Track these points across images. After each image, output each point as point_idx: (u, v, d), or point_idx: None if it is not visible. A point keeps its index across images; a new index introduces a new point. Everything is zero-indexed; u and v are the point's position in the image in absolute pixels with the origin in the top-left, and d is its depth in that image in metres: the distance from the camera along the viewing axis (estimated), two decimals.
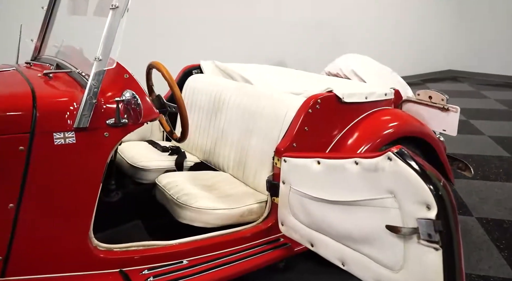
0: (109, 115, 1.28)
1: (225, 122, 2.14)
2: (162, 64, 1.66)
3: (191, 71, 2.59)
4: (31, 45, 2.01)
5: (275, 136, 1.81)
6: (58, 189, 1.24)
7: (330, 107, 1.75)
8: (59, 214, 1.26)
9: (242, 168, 1.99)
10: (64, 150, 1.22)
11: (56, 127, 1.21)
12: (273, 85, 2.11)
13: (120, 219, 1.81)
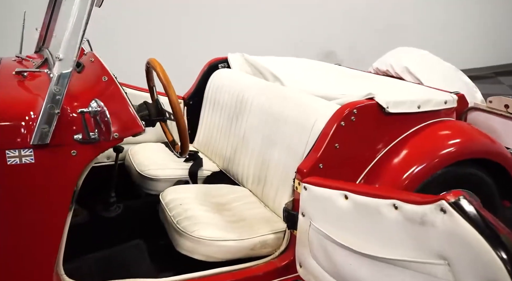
0: (78, 129, 1.01)
1: (246, 127, 1.84)
2: (157, 61, 1.38)
3: (217, 65, 2.29)
4: (36, 34, 1.81)
5: (300, 150, 1.47)
6: (14, 219, 1.00)
7: (369, 119, 1.38)
8: (17, 248, 1.03)
9: (262, 185, 1.68)
10: (20, 171, 0.98)
11: (8, 143, 0.97)
12: (307, 86, 1.76)
13: (114, 240, 1.57)
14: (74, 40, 0.97)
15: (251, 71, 2.21)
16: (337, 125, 1.34)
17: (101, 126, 1.02)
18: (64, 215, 1.04)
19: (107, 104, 1.05)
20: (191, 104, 2.28)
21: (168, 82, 1.29)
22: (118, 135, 1.05)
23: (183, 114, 2.21)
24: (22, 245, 1.02)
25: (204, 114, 2.22)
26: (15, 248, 1.02)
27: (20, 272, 1.04)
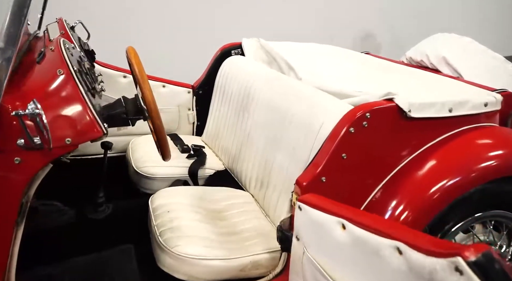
0: (22, 134, 0.86)
1: (252, 123, 1.63)
2: (134, 50, 1.19)
3: (230, 51, 2.09)
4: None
5: (304, 156, 1.26)
6: None
7: (386, 124, 1.14)
8: None
9: (264, 190, 1.49)
10: None
11: None
12: (323, 79, 1.53)
13: (98, 244, 1.44)
14: (15, 27, 0.80)
15: (267, 59, 1.99)
16: (345, 131, 1.11)
17: (43, 131, 0.86)
18: (9, 230, 0.90)
19: (59, 103, 0.89)
20: (200, 94, 2.10)
21: (143, 76, 1.10)
22: (71, 140, 0.89)
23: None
24: None
25: (213, 106, 2.04)
26: None
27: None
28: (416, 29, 4.08)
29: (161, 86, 2.03)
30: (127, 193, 1.70)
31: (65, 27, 1.50)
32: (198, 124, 2.14)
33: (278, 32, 3.50)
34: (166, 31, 3.18)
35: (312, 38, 3.64)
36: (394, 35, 4.35)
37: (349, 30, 4.12)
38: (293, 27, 3.72)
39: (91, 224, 1.51)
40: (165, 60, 3.06)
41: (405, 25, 4.39)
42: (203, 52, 2.32)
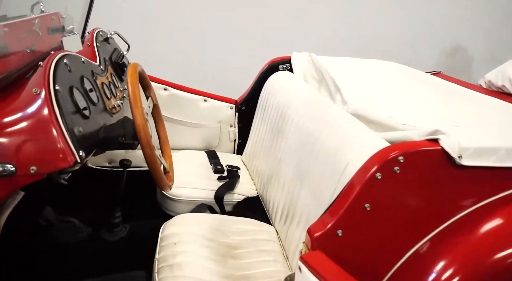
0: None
1: (284, 148, 1.45)
2: (135, 67, 1.08)
3: (278, 65, 1.92)
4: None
5: (326, 199, 1.05)
6: None
7: (425, 171, 0.89)
8: None
9: (287, 227, 1.30)
10: None
11: None
12: (371, 105, 1.30)
13: (108, 268, 1.36)
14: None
15: (317, 76, 1.79)
16: (370, 177, 0.88)
17: (19, 153, 0.78)
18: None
19: (27, 127, 0.81)
20: (243, 110, 1.97)
21: (135, 98, 0.99)
22: (36, 170, 0.80)
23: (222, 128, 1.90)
24: None
25: (254, 124, 1.89)
26: None
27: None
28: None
29: (203, 100, 1.93)
30: (149, 212, 1.62)
31: (92, 39, 1.46)
32: (240, 142, 2.01)
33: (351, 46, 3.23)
34: (213, 41, 3.07)
35: (394, 53, 3.26)
36: (488, 50, 3.81)
37: (435, 44, 3.66)
38: (369, 38, 3.41)
39: (105, 245, 1.44)
40: (209, 73, 2.98)
41: (503, 39, 3.82)
42: (251, 66, 2.18)
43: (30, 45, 1.20)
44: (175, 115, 1.89)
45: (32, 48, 1.20)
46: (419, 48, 3.62)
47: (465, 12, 3.58)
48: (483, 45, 3.75)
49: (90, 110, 1.01)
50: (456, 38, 3.71)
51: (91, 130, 0.98)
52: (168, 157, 1.34)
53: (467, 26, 3.65)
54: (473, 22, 3.64)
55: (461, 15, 3.58)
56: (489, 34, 3.72)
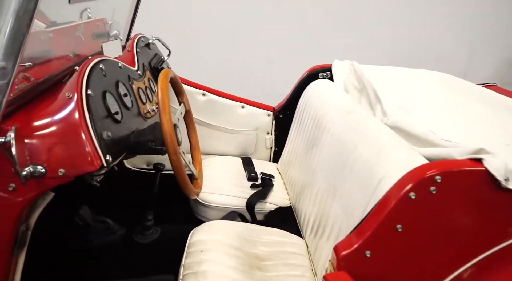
0: None
1: (319, 159, 1.41)
2: (166, 73, 1.08)
3: (318, 73, 1.88)
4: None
5: (357, 214, 0.99)
6: None
7: (465, 194, 0.81)
8: None
9: (317, 241, 1.25)
10: None
11: None
12: (412, 118, 1.22)
13: (137, 271, 1.37)
14: (14, 46, 0.76)
15: (358, 86, 1.73)
16: (403, 196, 0.82)
17: (49, 156, 0.80)
18: (3, 258, 0.86)
19: (57, 130, 0.83)
20: (281, 118, 1.94)
21: (164, 104, 0.98)
22: (64, 172, 0.81)
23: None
24: None
25: (291, 132, 1.85)
26: None
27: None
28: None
29: (240, 106, 1.92)
30: (181, 216, 1.62)
31: (133, 45, 1.49)
32: (276, 149, 1.98)
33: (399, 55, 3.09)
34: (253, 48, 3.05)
35: (447, 61, 3.05)
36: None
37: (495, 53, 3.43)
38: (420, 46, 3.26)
39: (136, 247, 1.46)
40: (248, 79, 2.96)
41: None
42: (291, 73, 2.14)
43: (73, 50, 1.25)
44: (212, 121, 1.89)
45: (75, 53, 1.25)
46: (476, 57, 3.41)
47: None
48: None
49: (122, 115, 1.02)
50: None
51: (121, 134, 0.99)
52: (198, 163, 1.34)
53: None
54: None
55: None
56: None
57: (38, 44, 1.09)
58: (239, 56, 3.01)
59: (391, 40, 3.21)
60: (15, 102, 0.86)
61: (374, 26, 3.15)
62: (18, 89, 0.88)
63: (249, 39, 3.01)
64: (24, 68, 0.94)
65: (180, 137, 1.09)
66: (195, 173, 1.26)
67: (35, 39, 1.04)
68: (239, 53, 3.01)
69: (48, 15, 1.33)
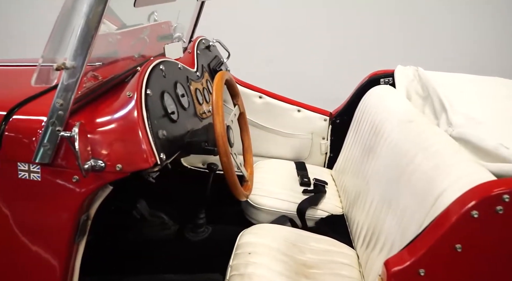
0: None
1: (374, 168, 1.35)
2: (221, 76, 1.08)
3: (379, 79, 1.81)
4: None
5: (412, 229, 0.94)
6: (18, 237, 0.94)
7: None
8: (29, 267, 0.97)
9: (369, 253, 1.20)
10: (28, 187, 0.91)
11: (21, 155, 0.90)
12: (482, 129, 1.14)
13: (185, 268, 1.40)
14: (83, 47, 0.81)
15: (422, 93, 1.64)
16: (464, 214, 0.76)
17: (107, 152, 0.85)
18: (64, 244, 0.92)
19: (117, 127, 0.87)
20: (337, 123, 1.90)
21: (217, 106, 0.99)
22: (121, 167, 0.85)
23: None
24: (23, 265, 0.95)
25: (348, 138, 1.80)
26: (17, 267, 0.96)
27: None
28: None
29: (296, 110, 1.91)
30: (232, 217, 1.64)
31: (194, 47, 1.53)
32: (331, 155, 1.94)
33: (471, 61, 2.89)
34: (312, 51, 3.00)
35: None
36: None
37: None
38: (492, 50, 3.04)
39: (187, 244, 1.49)
40: (305, 83, 2.92)
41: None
42: (350, 78, 2.09)
43: (138, 51, 1.31)
44: (268, 123, 1.90)
45: (139, 54, 1.31)
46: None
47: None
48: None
49: (178, 114, 1.05)
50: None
51: (176, 133, 1.02)
52: (249, 166, 1.34)
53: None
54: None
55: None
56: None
57: (107, 45, 1.16)
58: (297, 60, 2.99)
59: (458, 45, 3.02)
60: (82, 99, 0.91)
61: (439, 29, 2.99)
62: (86, 87, 0.94)
63: (309, 43, 2.98)
64: (92, 67, 1.00)
65: (232, 139, 1.10)
66: (245, 175, 1.26)
67: (103, 41, 1.10)
68: (298, 57, 2.99)
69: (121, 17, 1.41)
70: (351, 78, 2.08)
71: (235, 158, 1.13)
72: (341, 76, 2.77)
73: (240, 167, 1.20)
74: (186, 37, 1.74)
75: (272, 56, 2.97)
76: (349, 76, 2.17)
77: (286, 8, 2.92)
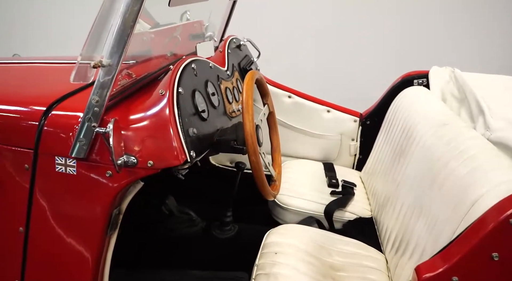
0: None
1: (405, 172, 1.32)
2: (252, 75, 1.08)
3: (413, 80, 1.77)
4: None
5: (445, 235, 0.91)
6: (53, 229, 0.97)
7: None
8: (63, 257, 1.00)
9: (398, 259, 1.18)
10: (64, 181, 0.94)
11: (58, 149, 0.93)
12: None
13: (211, 265, 1.41)
14: (119, 45, 0.83)
15: (458, 95, 1.59)
16: (502, 221, 0.73)
17: (139, 148, 0.87)
18: (97, 237, 0.94)
19: (149, 124, 0.89)
20: (368, 124, 1.87)
21: (248, 105, 0.99)
22: (153, 164, 0.87)
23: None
24: (58, 255, 0.99)
25: (378, 140, 1.77)
26: (52, 257, 1.00)
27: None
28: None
29: (326, 110, 1.89)
30: (259, 216, 1.64)
31: (225, 46, 1.54)
32: (360, 157, 1.91)
33: None
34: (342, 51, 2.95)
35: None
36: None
37: None
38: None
39: (213, 241, 1.51)
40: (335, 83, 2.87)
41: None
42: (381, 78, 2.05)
43: (170, 49, 1.33)
44: (296, 123, 1.89)
45: (172, 52, 1.33)
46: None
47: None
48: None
49: (208, 113, 1.06)
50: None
51: (205, 132, 1.03)
52: (277, 165, 1.34)
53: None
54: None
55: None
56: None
57: (141, 43, 1.18)
58: (328, 60, 2.96)
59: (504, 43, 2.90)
60: (117, 97, 0.94)
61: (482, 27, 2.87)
62: (120, 85, 0.96)
63: (341, 43, 2.94)
64: (127, 65, 1.03)
65: (261, 138, 1.11)
66: (273, 174, 1.26)
67: (138, 39, 1.12)
68: (329, 57, 2.96)
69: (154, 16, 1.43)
70: (382, 78, 2.04)
71: (264, 157, 1.13)
72: (372, 76, 2.72)
73: (268, 167, 1.20)
74: (218, 36, 1.76)
75: (303, 56, 2.95)
76: (381, 77, 2.13)
77: (316, 7, 2.89)
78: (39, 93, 1.08)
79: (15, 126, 0.97)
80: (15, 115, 0.98)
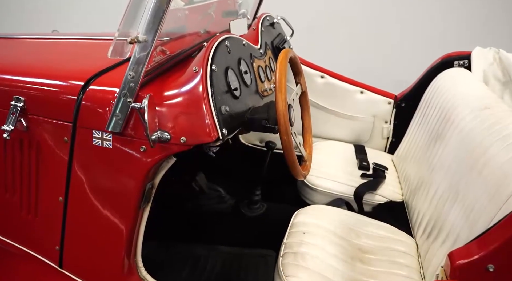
0: None
1: (441, 157, 1.29)
2: (286, 53, 1.05)
3: (453, 61, 1.70)
4: None
5: (482, 223, 0.89)
6: (90, 201, 1.01)
7: None
8: (99, 228, 1.04)
9: (429, 244, 1.16)
10: (101, 154, 0.97)
11: (95, 123, 0.95)
12: None
13: (242, 242, 1.44)
14: (154, 21, 0.83)
15: (503, 78, 1.52)
16: None
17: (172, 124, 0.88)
18: (131, 209, 0.97)
19: (182, 101, 0.89)
20: (403, 107, 1.82)
21: (281, 84, 0.98)
22: (185, 140, 0.88)
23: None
24: (105, 230, 1.02)
25: (413, 123, 1.72)
26: (88, 228, 1.04)
27: (105, 247, 1.06)
28: None
29: (359, 91, 1.85)
30: (288, 196, 1.64)
31: (258, 24, 1.52)
32: (393, 140, 1.86)
33: None
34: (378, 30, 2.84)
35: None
36: None
37: None
38: None
39: (243, 218, 1.53)
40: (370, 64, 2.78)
41: None
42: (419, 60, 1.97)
43: (204, 27, 1.32)
44: (328, 104, 1.86)
45: (205, 30, 1.32)
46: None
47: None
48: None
49: (241, 91, 1.06)
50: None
51: (237, 110, 1.03)
52: (308, 146, 1.33)
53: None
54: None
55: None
56: None
57: (175, 20, 1.18)
58: (362, 41, 2.87)
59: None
60: (152, 73, 0.95)
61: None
62: (155, 61, 0.96)
63: (375, 24, 2.84)
64: (161, 42, 1.03)
65: (293, 118, 1.09)
66: (304, 155, 1.25)
67: (172, 16, 1.12)
68: (364, 38, 2.87)
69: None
70: (420, 60, 1.96)
71: (295, 137, 1.12)
72: (409, 57, 2.63)
73: (299, 147, 1.19)
74: (251, 13, 1.73)
75: (335, 35, 2.88)
76: (414, 59, 2.05)
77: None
78: (77, 68, 1.10)
79: (55, 100, 1.00)
80: (55, 89, 1.01)
